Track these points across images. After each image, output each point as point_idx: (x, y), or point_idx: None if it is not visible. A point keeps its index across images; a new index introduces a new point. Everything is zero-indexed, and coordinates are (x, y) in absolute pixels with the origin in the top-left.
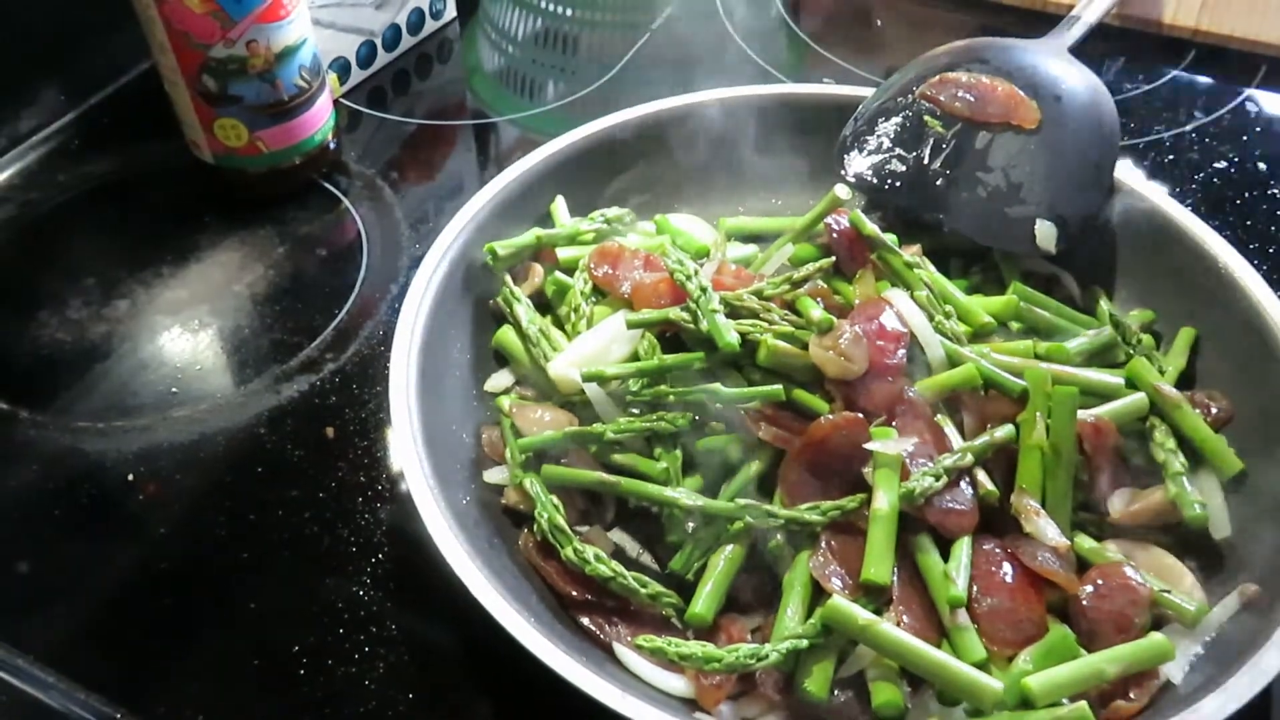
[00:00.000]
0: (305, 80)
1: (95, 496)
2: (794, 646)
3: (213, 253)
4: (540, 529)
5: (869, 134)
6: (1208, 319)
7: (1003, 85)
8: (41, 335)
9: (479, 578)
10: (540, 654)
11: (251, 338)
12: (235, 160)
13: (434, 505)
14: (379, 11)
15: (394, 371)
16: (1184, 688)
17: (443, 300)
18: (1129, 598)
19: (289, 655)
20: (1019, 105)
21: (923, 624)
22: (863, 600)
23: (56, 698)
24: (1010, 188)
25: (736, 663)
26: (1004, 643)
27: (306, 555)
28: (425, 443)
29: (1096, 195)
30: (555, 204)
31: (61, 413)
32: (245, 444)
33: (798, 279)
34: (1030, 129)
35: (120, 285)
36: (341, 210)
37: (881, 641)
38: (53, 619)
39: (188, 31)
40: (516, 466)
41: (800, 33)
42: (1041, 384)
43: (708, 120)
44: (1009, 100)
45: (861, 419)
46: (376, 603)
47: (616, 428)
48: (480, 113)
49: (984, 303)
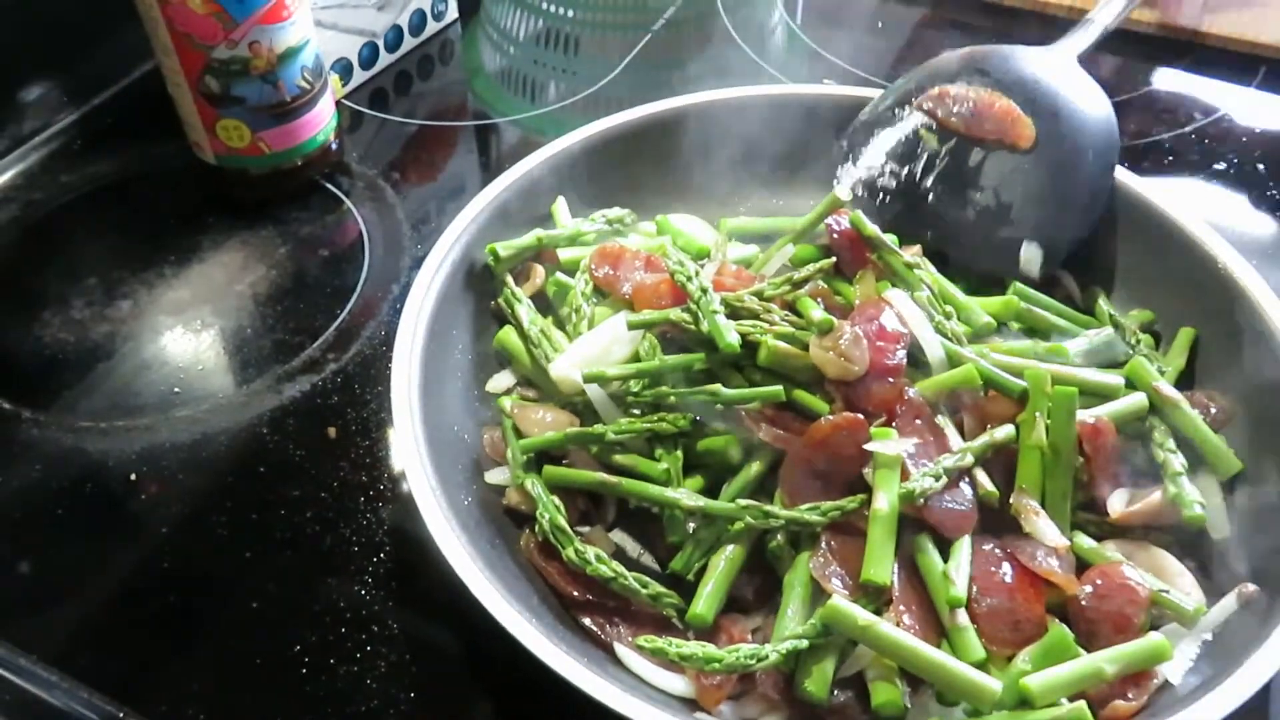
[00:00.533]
0: (307, 81)
1: (97, 496)
2: (794, 647)
3: (215, 253)
4: (541, 529)
5: (864, 144)
6: (1208, 319)
7: (1000, 101)
8: (44, 335)
9: (480, 578)
10: (541, 654)
11: (253, 338)
12: (237, 161)
13: (435, 506)
14: (381, 13)
15: (396, 372)
16: (1182, 688)
17: (444, 301)
18: (1128, 597)
19: (291, 654)
20: (1014, 123)
21: (922, 624)
22: (862, 600)
23: (59, 697)
24: (1000, 208)
25: (737, 663)
26: (1003, 643)
27: (308, 555)
28: (427, 443)
29: (1088, 217)
30: (556, 205)
31: (64, 412)
32: (247, 444)
33: (798, 280)
34: (1025, 148)
35: (123, 285)
36: (343, 211)
37: (881, 642)
38: (55, 618)
39: (190, 33)
40: (518, 467)
41: (801, 33)
42: (1041, 384)
43: (709, 121)
44: (1005, 117)
45: (861, 420)
46: (378, 602)
47: (617, 428)
48: (482, 113)
49: (984, 303)
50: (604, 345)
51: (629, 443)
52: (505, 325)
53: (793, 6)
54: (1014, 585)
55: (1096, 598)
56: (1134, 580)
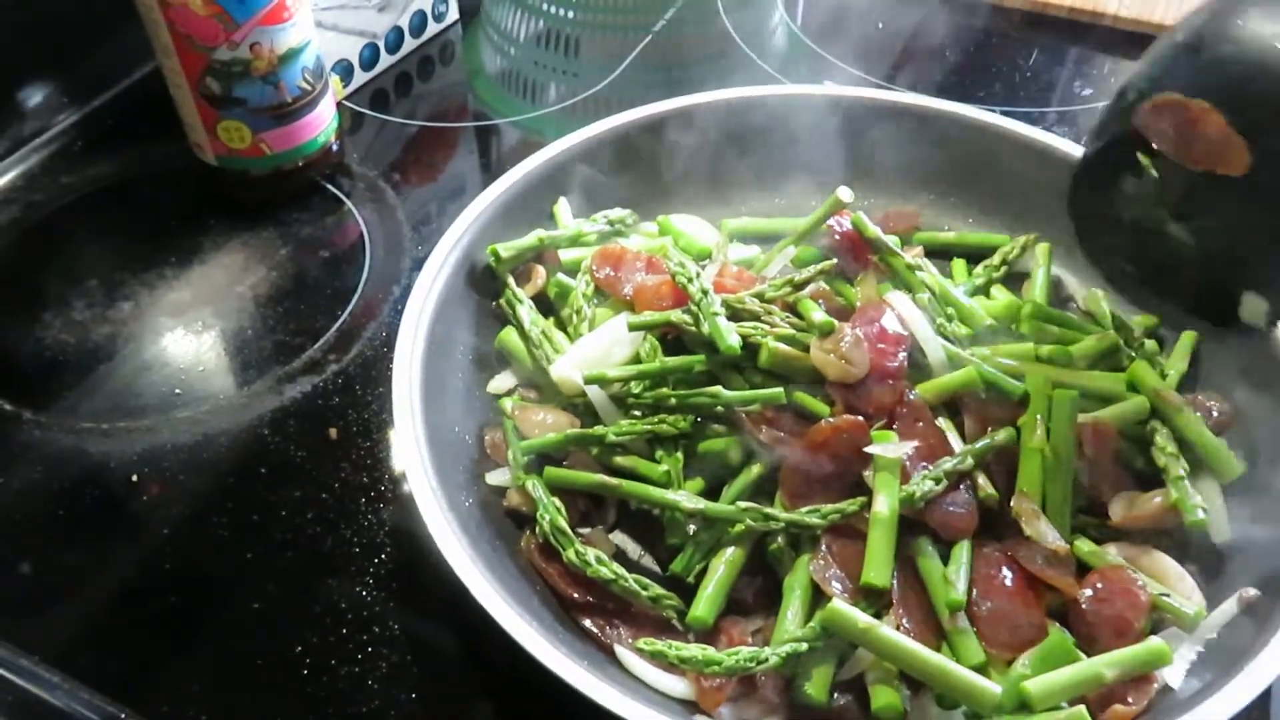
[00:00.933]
0: (308, 82)
1: (99, 497)
2: (794, 650)
3: (216, 254)
4: (542, 531)
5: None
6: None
7: (1214, 119)
8: (45, 337)
9: (481, 581)
10: (541, 657)
11: (254, 339)
12: (238, 162)
13: (436, 507)
14: (382, 14)
15: (397, 373)
16: (1182, 692)
17: (446, 302)
18: (1128, 601)
19: (292, 655)
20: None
21: (922, 627)
22: (862, 604)
23: (61, 697)
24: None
25: (737, 666)
26: (1002, 646)
27: (309, 556)
28: (428, 444)
29: None
30: (558, 206)
31: (65, 414)
32: (248, 445)
33: (799, 281)
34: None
35: (124, 287)
36: (344, 212)
37: (881, 645)
38: (57, 619)
39: (191, 34)
40: (518, 468)
41: (801, 34)
42: (1042, 387)
43: (709, 122)
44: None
45: (862, 422)
46: (379, 603)
47: (618, 430)
48: (482, 114)
49: (986, 305)
50: (605, 347)
51: (630, 444)
52: (506, 326)
53: (793, 7)
54: (1014, 589)
55: (1097, 601)
56: (1135, 584)
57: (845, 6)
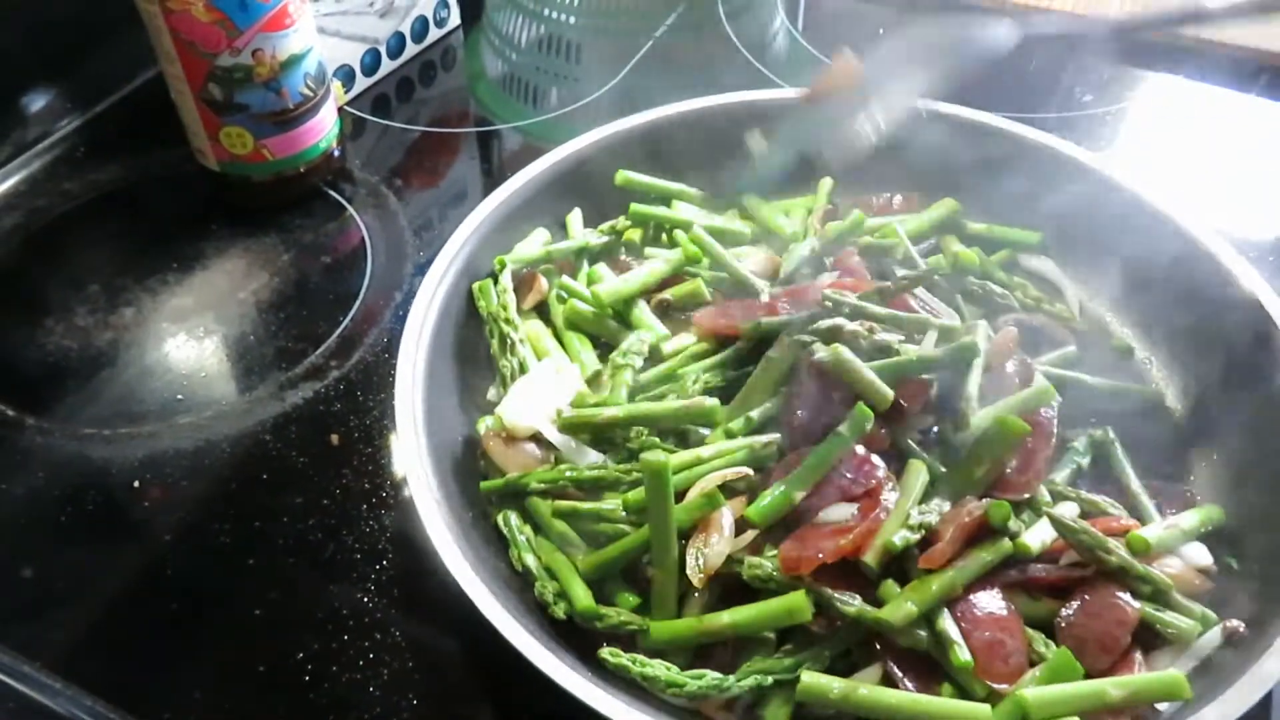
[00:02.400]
0: (310, 88)
1: (101, 503)
2: (757, 683)
3: (218, 260)
4: (520, 562)
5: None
6: (1208, 320)
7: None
8: (48, 342)
9: (482, 589)
10: (542, 665)
11: (256, 345)
12: (240, 168)
13: (437, 514)
14: (383, 20)
15: (399, 378)
16: (1168, 709)
17: (448, 308)
18: (1116, 617)
19: (294, 661)
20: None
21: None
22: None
23: (63, 704)
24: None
25: (698, 691)
26: (999, 677)
27: (311, 562)
28: (429, 450)
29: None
30: (571, 216)
31: (67, 419)
32: (250, 450)
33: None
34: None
35: (126, 292)
36: (346, 217)
37: (862, 705)
38: (59, 625)
39: (194, 40)
40: (489, 504)
41: (802, 40)
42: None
43: (711, 126)
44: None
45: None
46: (381, 609)
47: (576, 473)
48: (484, 120)
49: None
50: (547, 390)
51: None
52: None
53: (794, 13)
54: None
55: (1084, 616)
56: (1123, 600)
57: (846, 13)
